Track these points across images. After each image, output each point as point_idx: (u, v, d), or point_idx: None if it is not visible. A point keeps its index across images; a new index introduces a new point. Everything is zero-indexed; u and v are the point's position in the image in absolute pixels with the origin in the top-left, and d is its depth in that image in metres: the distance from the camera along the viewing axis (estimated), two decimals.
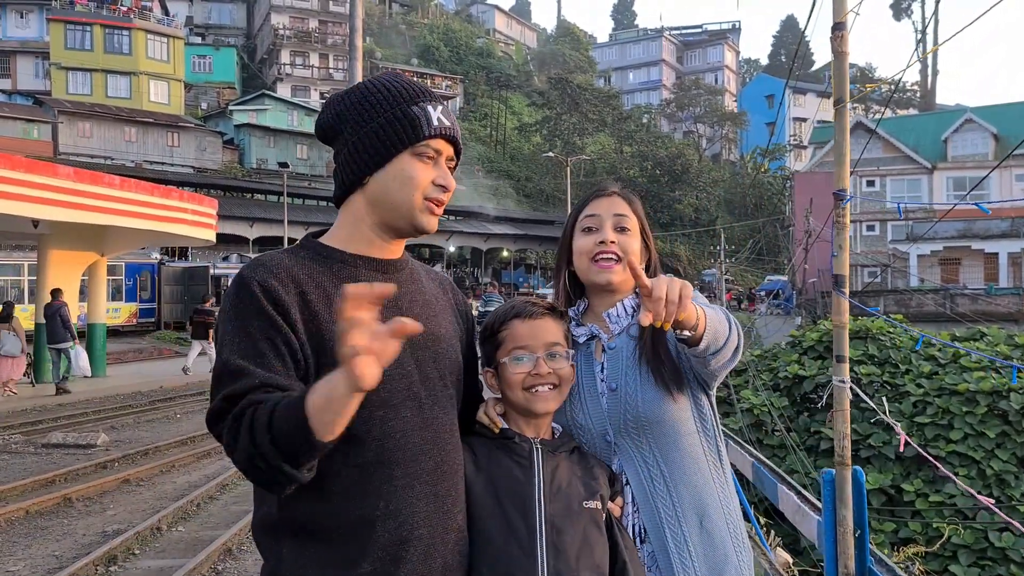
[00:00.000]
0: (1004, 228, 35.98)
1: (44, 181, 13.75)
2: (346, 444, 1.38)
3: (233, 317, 1.41)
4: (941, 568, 7.77)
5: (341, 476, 1.41)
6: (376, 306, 1.15)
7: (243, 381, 1.32)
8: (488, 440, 1.68)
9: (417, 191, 1.51)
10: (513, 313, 1.74)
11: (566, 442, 1.73)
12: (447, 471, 1.51)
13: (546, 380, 1.67)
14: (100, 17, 46.35)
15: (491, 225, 50.88)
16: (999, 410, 8.62)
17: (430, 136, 1.51)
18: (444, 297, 1.68)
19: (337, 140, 1.56)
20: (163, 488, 8.28)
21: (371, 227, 1.54)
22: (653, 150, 64.71)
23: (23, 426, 11.79)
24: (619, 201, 1.89)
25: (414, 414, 1.47)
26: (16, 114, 40.66)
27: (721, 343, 1.64)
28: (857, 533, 1.96)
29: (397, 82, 1.56)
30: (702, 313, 1.57)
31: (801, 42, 12.80)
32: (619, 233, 1.85)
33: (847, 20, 1.97)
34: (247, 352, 1.36)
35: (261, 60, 62.06)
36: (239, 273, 1.46)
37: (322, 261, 1.51)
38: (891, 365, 9.67)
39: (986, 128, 42.83)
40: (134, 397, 15.26)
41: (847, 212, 2.01)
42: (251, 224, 40.63)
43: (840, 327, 2.04)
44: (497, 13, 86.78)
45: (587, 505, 1.61)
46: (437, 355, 1.55)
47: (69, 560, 5.92)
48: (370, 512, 1.41)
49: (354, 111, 1.53)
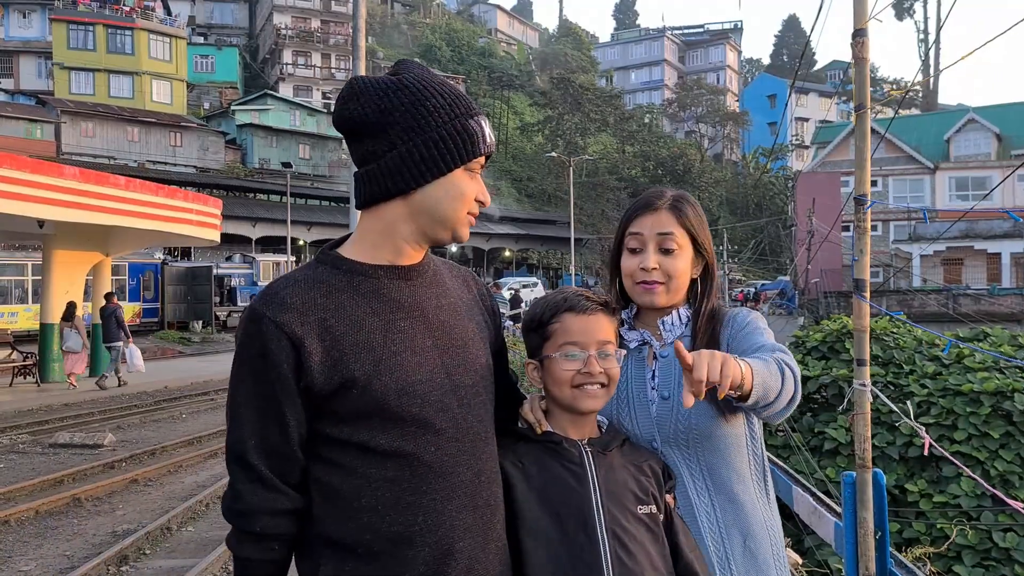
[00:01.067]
0: (1007, 228, 35.95)
1: (49, 181, 13.76)
2: (382, 460, 1.40)
3: (243, 356, 1.42)
4: (945, 568, 7.78)
5: (376, 492, 1.39)
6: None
7: (251, 496, 1.40)
8: (533, 444, 1.62)
9: (464, 207, 1.49)
10: (567, 306, 1.65)
11: (614, 436, 1.67)
12: (485, 480, 1.48)
13: (596, 379, 1.60)
14: (103, 17, 46.36)
15: (493, 225, 50.84)
16: (1003, 411, 8.63)
17: (484, 153, 1.49)
18: (469, 295, 1.63)
19: (377, 139, 1.45)
20: (171, 488, 8.30)
21: (406, 236, 1.49)
22: (655, 150, 64.74)
23: (30, 426, 11.82)
24: (665, 217, 1.79)
25: (448, 425, 1.44)
26: (19, 114, 40.66)
27: (772, 398, 1.56)
28: (878, 535, 1.98)
29: (447, 87, 1.49)
30: (748, 371, 1.48)
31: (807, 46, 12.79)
32: (663, 255, 1.78)
33: (867, 27, 1.99)
34: (256, 436, 1.41)
35: (263, 60, 62.07)
36: (251, 306, 1.43)
37: (342, 276, 1.46)
38: (895, 365, 9.68)
39: (988, 128, 42.84)
40: (139, 397, 15.29)
41: (868, 217, 2.03)
42: (254, 224, 40.63)
43: (861, 331, 2.06)
44: (499, 13, 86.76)
45: (642, 511, 1.56)
46: (466, 361, 1.51)
47: (80, 560, 5.95)
48: (408, 527, 1.39)
49: (408, 114, 1.44)
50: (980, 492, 8.34)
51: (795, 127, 72.50)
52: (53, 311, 16.95)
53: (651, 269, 1.77)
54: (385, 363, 1.40)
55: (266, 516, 1.39)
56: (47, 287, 17.11)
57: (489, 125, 1.52)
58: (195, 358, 24.71)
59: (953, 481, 8.39)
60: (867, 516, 2.02)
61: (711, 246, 1.85)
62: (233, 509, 1.41)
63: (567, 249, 45.94)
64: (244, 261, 35.95)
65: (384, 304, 1.45)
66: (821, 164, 44.93)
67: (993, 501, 8.23)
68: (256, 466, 1.39)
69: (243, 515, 1.40)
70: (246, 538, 1.40)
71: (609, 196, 58.47)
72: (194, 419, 12.89)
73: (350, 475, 1.40)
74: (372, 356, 1.40)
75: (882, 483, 2.00)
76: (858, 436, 2.06)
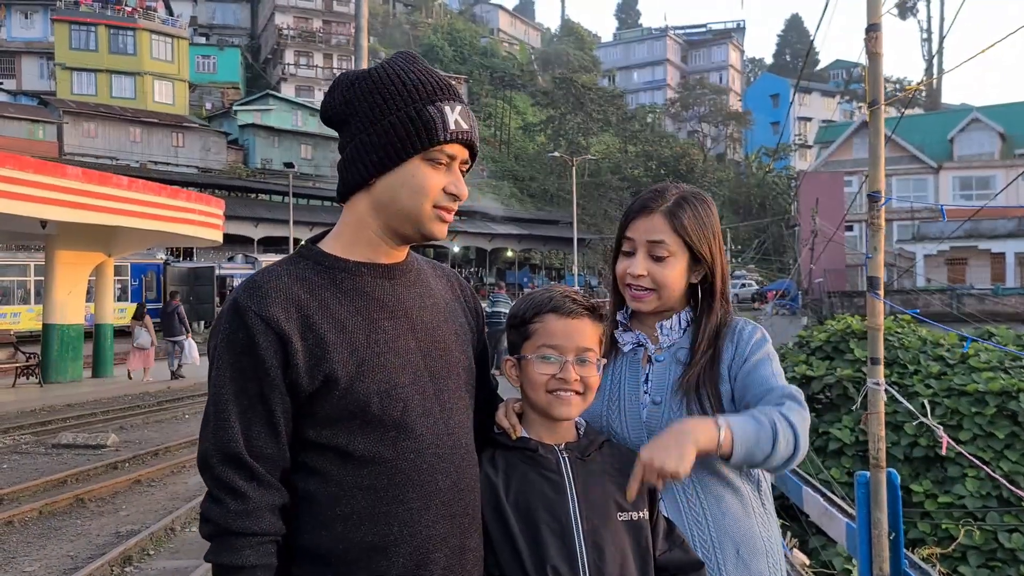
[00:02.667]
0: (1011, 228, 35.87)
1: (52, 182, 13.76)
2: (358, 467, 1.34)
3: (226, 352, 1.34)
4: (951, 569, 7.76)
5: (351, 500, 1.34)
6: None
7: (254, 493, 1.32)
8: (510, 451, 1.56)
9: (427, 200, 1.39)
10: (551, 307, 1.57)
11: (594, 439, 1.60)
12: (464, 488, 1.42)
13: (571, 386, 1.53)
14: (104, 18, 46.45)
15: (495, 225, 50.85)
16: (1008, 411, 8.60)
17: (445, 141, 1.38)
18: (452, 296, 1.57)
19: (343, 130, 1.43)
20: (175, 488, 8.29)
21: (376, 232, 1.43)
22: (657, 150, 64.74)
23: (33, 426, 11.80)
24: (658, 222, 1.71)
25: (428, 431, 1.38)
26: (21, 114, 40.73)
27: (758, 460, 1.50)
28: (892, 535, 1.96)
29: (413, 73, 1.40)
30: (728, 438, 1.45)
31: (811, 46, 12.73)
32: (653, 263, 1.71)
33: (880, 22, 1.97)
34: (245, 435, 1.33)
35: (265, 60, 62.13)
36: (234, 299, 1.36)
37: (324, 272, 1.40)
38: (899, 366, 9.66)
39: (992, 127, 42.78)
40: (141, 397, 15.28)
41: (883, 214, 2.00)
42: (256, 224, 40.67)
43: (875, 329, 2.04)
44: (501, 13, 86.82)
45: (623, 518, 1.51)
46: (449, 364, 1.46)
47: (85, 560, 5.93)
48: (383, 537, 1.33)
49: (364, 102, 1.39)
50: (985, 493, 8.32)
51: (798, 127, 72.46)
52: (55, 311, 16.96)
53: (638, 276, 1.72)
54: (368, 364, 1.35)
55: (268, 513, 1.31)
56: (49, 288, 17.10)
57: (462, 112, 1.41)
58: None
59: (958, 482, 8.38)
60: (881, 516, 1.99)
61: (715, 252, 1.75)
62: (233, 511, 1.29)
63: (569, 249, 45.94)
64: (246, 261, 35.96)
65: (367, 303, 1.40)
66: (824, 164, 44.89)
67: (998, 502, 8.20)
68: (251, 464, 1.31)
69: (247, 515, 1.30)
70: (246, 543, 1.30)
71: (612, 196, 58.46)
72: (196, 420, 12.86)
73: (326, 482, 1.34)
74: (355, 357, 1.35)
75: (896, 483, 1.98)
76: (872, 436, 2.04)
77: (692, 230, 1.71)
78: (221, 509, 1.31)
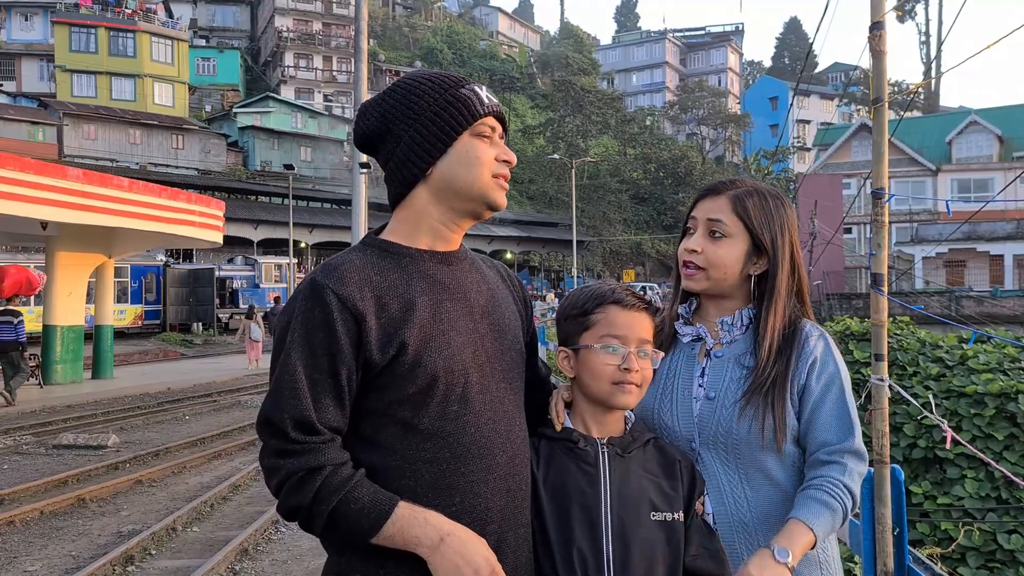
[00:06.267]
0: (1009, 230, 35.94)
1: (53, 183, 13.78)
2: (422, 440, 1.40)
3: (301, 326, 1.39)
4: (950, 569, 7.77)
5: (415, 473, 1.40)
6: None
7: (309, 440, 1.35)
8: (553, 441, 1.58)
9: (485, 169, 1.50)
10: (613, 298, 1.60)
11: (639, 436, 1.60)
12: (518, 464, 1.49)
13: (633, 378, 1.55)
14: (104, 20, 46.43)
15: (495, 227, 50.88)
16: (1007, 412, 8.61)
17: (485, 114, 1.50)
18: (504, 285, 1.65)
19: (386, 141, 1.52)
20: (176, 489, 8.30)
21: (438, 218, 1.52)
22: (656, 152, 64.71)
23: (33, 427, 11.82)
24: (722, 203, 1.70)
25: (487, 407, 1.46)
26: (21, 116, 40.72)
27: (831, 531, 1.59)
28: (896, 532, 1.97)
29: (434, 73, 1.55)
30: (811, 540, 1.53)
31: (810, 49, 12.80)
32: (710, 240, 1.70)
33: (884, 20, 1.99)
34: (312, 394, 1.37)
35: (265, 62, 62.13)
36: (311, 278, 1.43)
37: (390, 257, 1.49)
38: (898, 367, 9.66)
39: (991, 130, 42.83)
40: (142, 399, 15.29)
41: (886, 211, 2.02)
42: (255, 226, 40.66)
43: (879, 326, 2.06)
44: (500, 15, 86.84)
45: (656, 517, 1.51)
46: (504, 347, 1.53)
47: (86, 560, 5.94)
48: (446, 508, 1.39)
49: (401, 107, 1.51)
50: (984, 494, 8.34)
51: (796, 129, 72.53)
52: (56, 313, 16.97)
53: (691, 251, 1.71)
54: (435, 341, 1.43)
55: (340, 459, 1.37)
56: (50, 289, 17.11)
57: (486, 90, 1.54)
58: (197, 360, 24.67)
59: (957, 483, 8.39)
60: (885, 512, 2.01)
61: (781, 246, 1.70)
62: (307, 456, 1.34)
63: (569, 251, 45.95)
64: (246, 263, 35.92)
65: (430, 285, 1.48)
66: (823, 166, 44.92)
67: (997, 503, 8.22)
68: (322, 431, 1.37)
69: (322, 454, 1.35)
70: (323, 473, 1.34)
71: (610, 198, 58.50)
72: (197, 421, 12.88)
73: (390, 455, 1.41)
74: (423, 333, 1.42)
75: (900, 479, 1.99)
76: (876, 432, 2.05)
77: (755, 216, 1.70)
78: (296, 458, 1.35)
